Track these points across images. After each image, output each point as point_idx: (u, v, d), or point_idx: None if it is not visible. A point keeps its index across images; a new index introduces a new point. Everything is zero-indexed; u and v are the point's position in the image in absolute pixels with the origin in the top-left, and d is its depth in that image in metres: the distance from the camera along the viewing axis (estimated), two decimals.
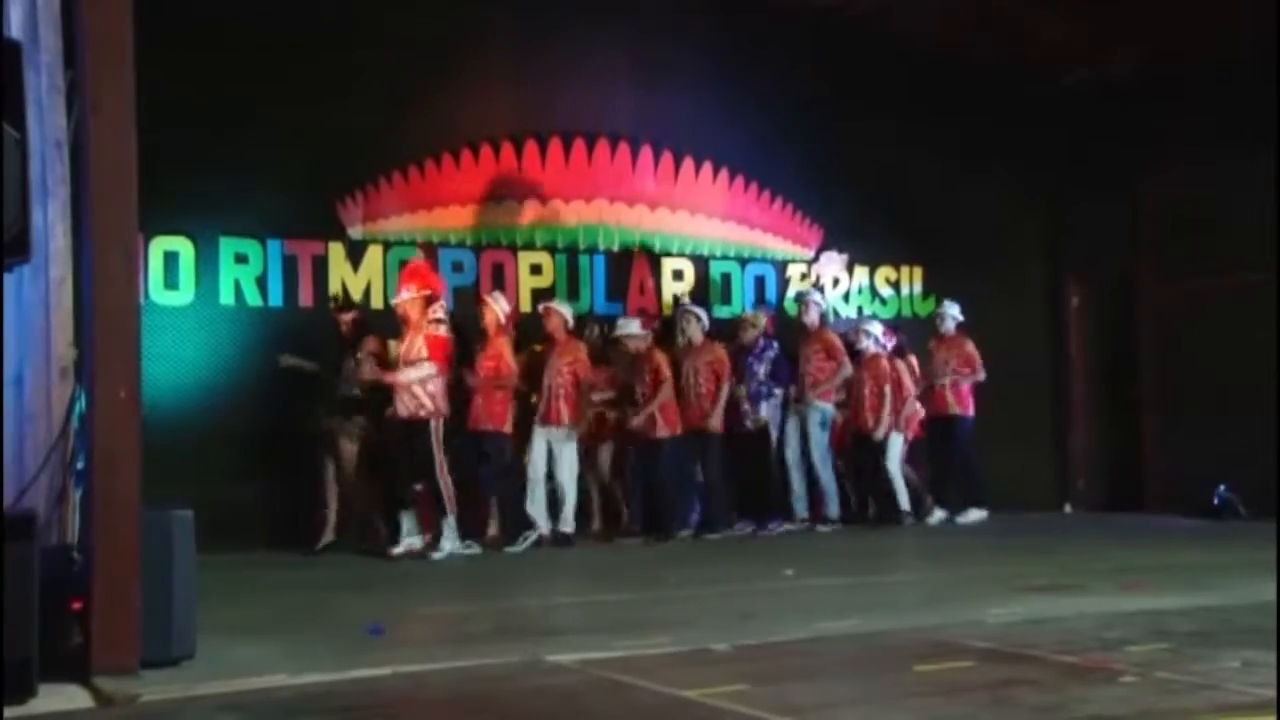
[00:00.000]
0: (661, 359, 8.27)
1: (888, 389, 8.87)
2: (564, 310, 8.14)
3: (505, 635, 4.55)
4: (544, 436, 7.83)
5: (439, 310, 7.30)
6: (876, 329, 9.15)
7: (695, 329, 8.43)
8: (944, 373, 9.22)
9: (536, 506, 7.73)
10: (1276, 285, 8.53)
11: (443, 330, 7.26)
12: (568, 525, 7.83)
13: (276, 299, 8.16)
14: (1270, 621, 4.39)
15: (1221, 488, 9.14)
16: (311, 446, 7.69)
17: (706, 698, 3.46)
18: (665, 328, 8.82)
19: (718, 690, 3.52)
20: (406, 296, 7.25)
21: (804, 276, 9.90)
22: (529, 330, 8.37)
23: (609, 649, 4.17)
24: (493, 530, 7.95)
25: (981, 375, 9.21)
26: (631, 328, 8.38)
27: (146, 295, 7.46)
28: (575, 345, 8.06)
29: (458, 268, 8.78)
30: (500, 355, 7.67)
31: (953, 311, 9.36)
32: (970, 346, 9.24)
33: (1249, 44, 8.47)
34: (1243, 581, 5.58)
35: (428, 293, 7.29)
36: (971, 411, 9.25)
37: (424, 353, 7.14)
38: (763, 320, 8.83)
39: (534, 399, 8.00)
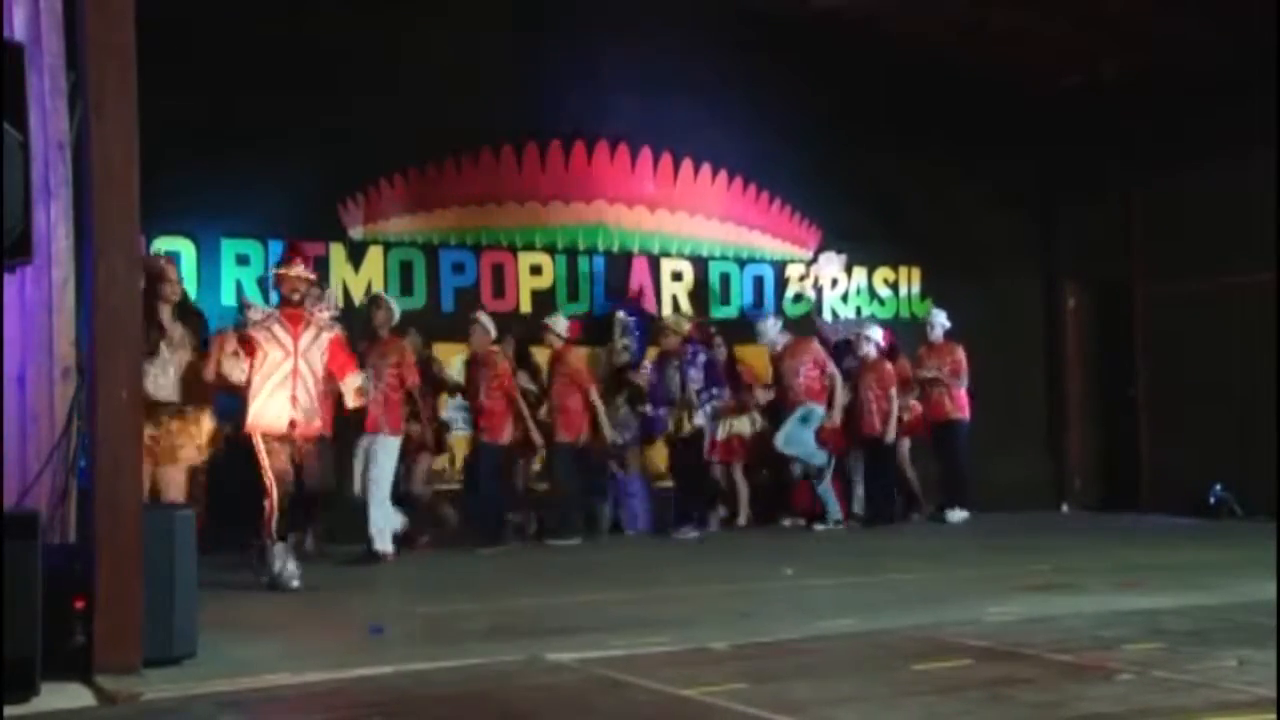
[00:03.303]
0: (579, 363, 8.13)
1: (894, 391, 8.91)
2: (489, 324, 7.82)
3: (505, 634, 4.57)
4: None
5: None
6: (876, 333, 9.18)
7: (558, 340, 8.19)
8: (936, 379, 9.29)
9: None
10: (1276, 285, 8.55)
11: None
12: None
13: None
14: (1267, 620, 4.41)
15: (1217, 487, 9.16)
16: None
17: (706, 696, 3.48)
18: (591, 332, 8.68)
19: (717, 689, 3.54)
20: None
21: (802, 278, 9.93)
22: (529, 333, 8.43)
23: (609, 648, 4.19)
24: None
25: (964, 383, 9.27)
26: (559, 325, 8.25)
27: None
28: (496, 356, 7.79)
29: (458, 269, 8.80)
30: (579, 370, 7.91)
31: (941, 319, 9.44)
32: (960, 354, 9.30)
33: (1239, 46, 8.50)
34: (1239, 580, 5.61)
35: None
36: (969, 415, 9.30)
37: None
38: (686, 326, 8.66)
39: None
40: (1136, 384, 10.19)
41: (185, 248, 7.95)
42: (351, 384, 6.22)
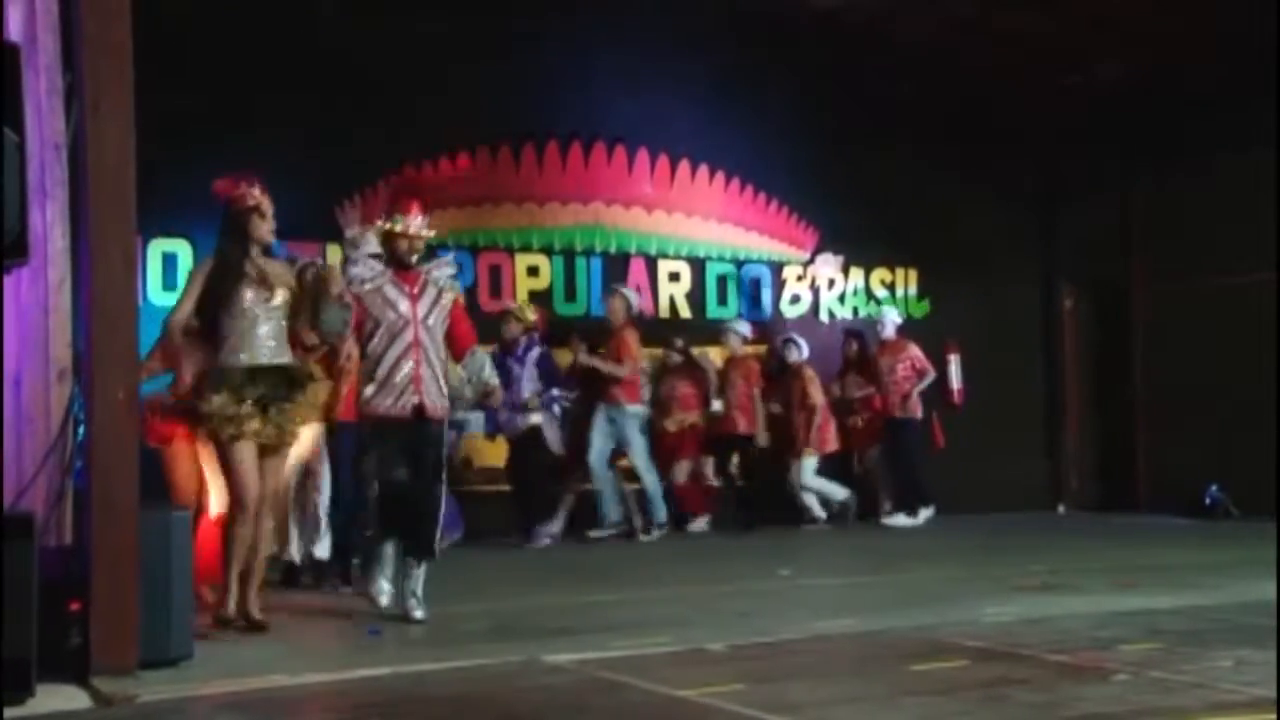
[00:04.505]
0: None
1: (757, 391, 8.71)
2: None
3: (503, 635, 4.57)
4: None
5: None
6: (743, 328, 8.96)
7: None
8: (889, 378, 9.14)
9: None
10: (1276, 285, 8.54)
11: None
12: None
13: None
14: (1262, 620, 4.43)
15: (1213, 487, 9.18)
16: None
17: (703, 697, 3.48)
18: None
19: (714, 689, 3.54)
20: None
21: (800, 278, 9.94)
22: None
23: (606, 649, 4.19)
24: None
25: (931, 375, 9.19)
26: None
27: (145, 297, 7.45)
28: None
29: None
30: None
31: (892, 317, 9.40)
32: (914, 350, 9.20)
33: (1236, 47, 8.51)
34: (1235, 581, 5.62)
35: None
36: (920, 415, 9.18)
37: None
38: (532, 316, 8.08)
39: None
40: (1133, 384, 10.20)
41: (181, 249, 7.94)
42: (480, 368, 5.25)
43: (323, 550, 5.85)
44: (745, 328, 9.02)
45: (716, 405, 8.77)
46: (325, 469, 5.83)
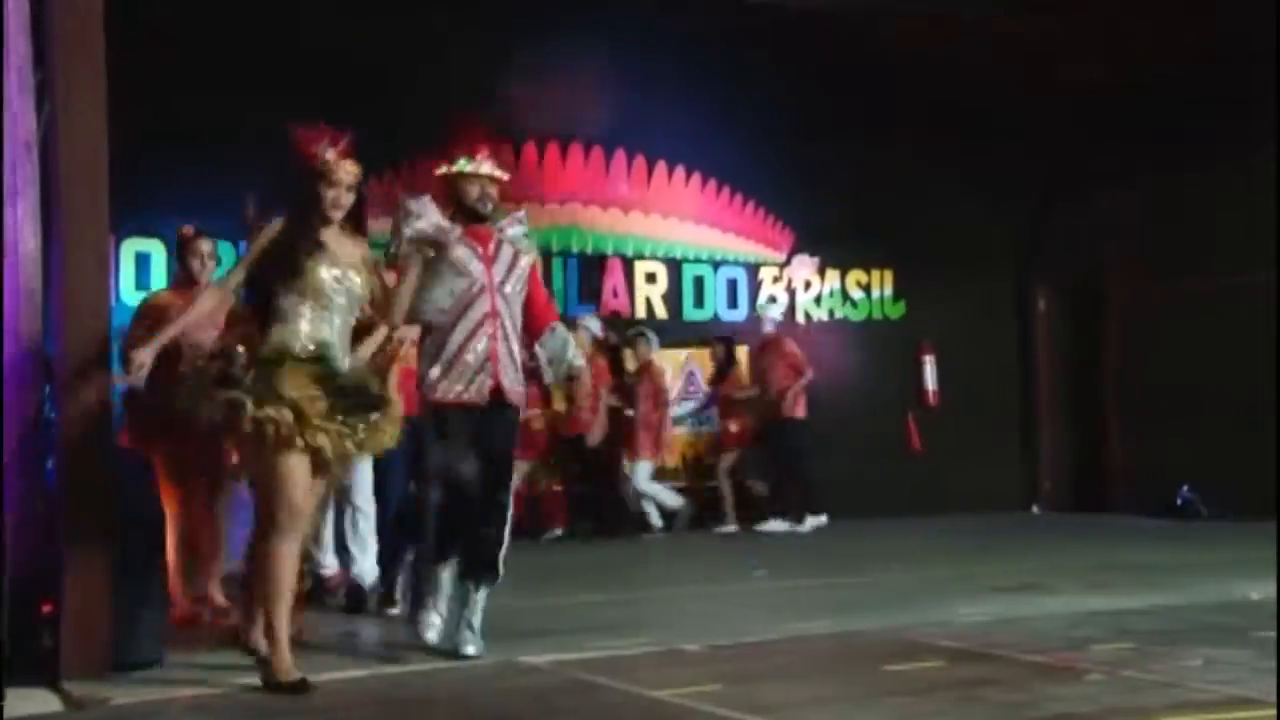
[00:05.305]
0: None
1: (605, 392, 8.34)
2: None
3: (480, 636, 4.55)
4: None
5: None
6: (594, 326, 8.46)
7: None
8: (770, 379, 8.76)
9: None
10: (1276, 286, 8.58)
11: None
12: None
13: (251, 300, 8.02)
14: (1233, 620, 4.48)
15: (1184, 488, 9.27)
16: None
17: (678, 698, 3.49)
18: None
19: (690, 690, 3.55)
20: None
21: (776, 279, 9.97)
22: None
23: (582, 650, 4.19)
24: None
25: (808, 377, 8.71)
26: None
27: (117, 297, 7.38)
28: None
29: None
30: None
31: (771, 314, 9.10)
32: (790, 348, 8.80)
33: (1222, 49, 8.57)
34: (1205, 581, 5.67)
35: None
36: (804, 414, 8.79)
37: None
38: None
39: None
40: (1106, 386, 10.28)
41: (156, 249, 7.89)
42: (564, 348, 4.18)
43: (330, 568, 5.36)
44: (596, 325, 8.47)
45: (559, 406, 8.33)
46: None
